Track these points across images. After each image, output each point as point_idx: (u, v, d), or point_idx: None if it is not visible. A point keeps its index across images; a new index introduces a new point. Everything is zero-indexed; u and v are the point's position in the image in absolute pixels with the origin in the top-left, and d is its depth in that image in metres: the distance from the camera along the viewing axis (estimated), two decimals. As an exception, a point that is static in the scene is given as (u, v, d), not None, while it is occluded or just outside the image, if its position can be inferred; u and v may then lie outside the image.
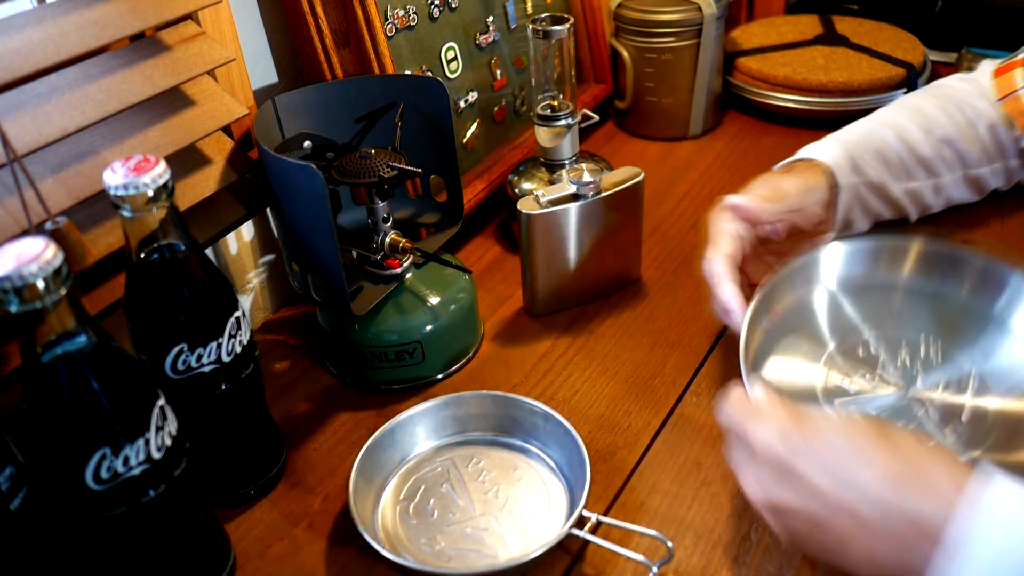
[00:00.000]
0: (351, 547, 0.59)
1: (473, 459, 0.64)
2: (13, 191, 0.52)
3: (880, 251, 0.66)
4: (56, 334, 0.44)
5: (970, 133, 0.77)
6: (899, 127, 0.76)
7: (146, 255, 0.51)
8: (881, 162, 0.74)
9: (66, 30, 0.56)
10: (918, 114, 0.77)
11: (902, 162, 0.75)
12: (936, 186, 0.77)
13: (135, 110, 0.61)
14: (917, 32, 1.10)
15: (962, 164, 0.78)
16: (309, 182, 0.59)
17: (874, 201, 0.75)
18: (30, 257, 0.41)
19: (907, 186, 0.76)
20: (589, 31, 1.03)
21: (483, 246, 0.89)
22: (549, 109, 0.82)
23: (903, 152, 0.75)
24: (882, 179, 0.74)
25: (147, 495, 0.48)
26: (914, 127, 0.76)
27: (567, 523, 0.55)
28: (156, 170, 0.48)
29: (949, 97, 0.79)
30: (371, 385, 0.72)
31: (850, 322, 0.63)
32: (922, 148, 0.75)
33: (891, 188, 0.75)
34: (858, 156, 0.73)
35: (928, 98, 0.79)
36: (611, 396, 0.69)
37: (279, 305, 0.83)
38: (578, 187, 0.72)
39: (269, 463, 0.64)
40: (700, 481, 0.61)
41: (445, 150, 0.72)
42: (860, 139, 0.74)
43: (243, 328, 0.57)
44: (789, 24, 1.14)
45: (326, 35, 0.73)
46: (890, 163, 0.75)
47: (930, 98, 0.79)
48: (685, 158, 1.01)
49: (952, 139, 0.76)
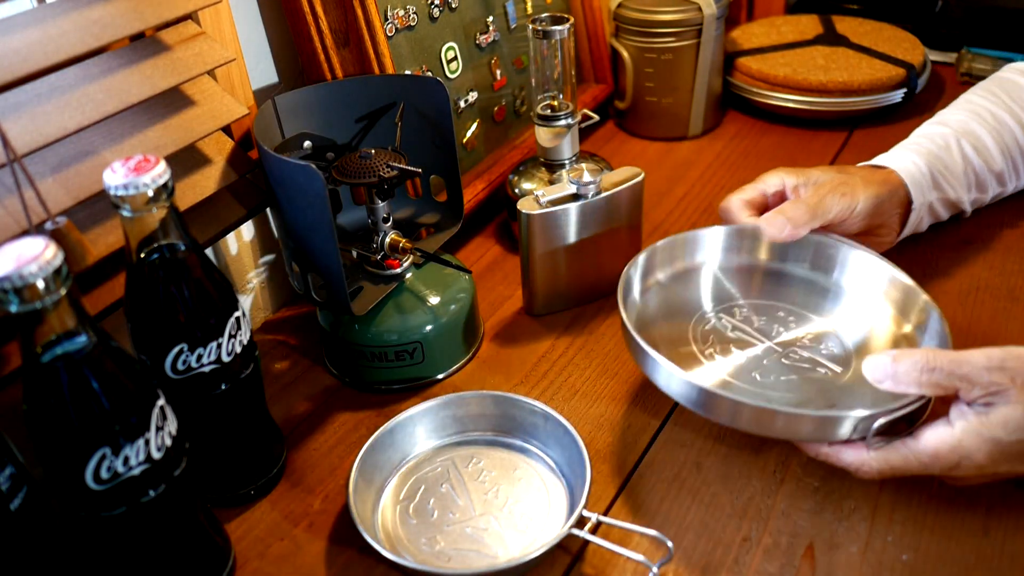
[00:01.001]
0: (351, 547, 0.59)
1: (473, 459, 0.64)
2: (13, 191, 0.52)
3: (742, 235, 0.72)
4: (56, 334, 0.44)
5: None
6: (978, 140, 0.76)
7: (146, 255, 0.51)
8: (960, 178, 0.76)
9: (66, 30, 0.56)
10: (995, 123, 0.77)
11: (978, 176, 0.77)
12: (1000, 194, 0.80)
13: (135, 110, 0.61)
14: (917, 32, 1.10)
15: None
16: (309, 182, 0.59)
17: (943, 211, 0.77)
18: (30, 257, 0.41)
19: (977, 196, 0.78)
20: (589, 31, 1.03)
21: (483, 246, 0.89)
22: (549, 109, 0.82)
23: (981, 167, 0.76)
24: (958, 195, 0.76)
25: (147, 495, 0.48)
26: (990, 139, 0.76)
27: (567, 523, 0.55)
28: (156, 170, 0.48)
29: (1018, 98, 0.79)
30: (371, 385, 0.72)
31: (726, 292, 0.71)
32: (998, 163, 0.77)
33: (963, 200, 0.77)
34: (940, 172, 0.74)
35: (1000, 102, 0.79)
36: (611, 396, 0.69)
37: (279, 305, 0.83)
38: (578, 187, 0.72)
39: (269, 463, 0.64)
40: (700, 481, 0.61)
41: (445, 150, 0.72)
42: (943, 153, 0.75)
43: (243, 328, 0.57)
44: (789, 24, 1.14)
45: (326, 35, 0.73)
46: (967, 178, 0.76)
47: (1002, 101, 0.79)
48: (685, 158, 1.01)
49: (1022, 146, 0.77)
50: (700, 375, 0.62)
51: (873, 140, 0.99)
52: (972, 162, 0.76)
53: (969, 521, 0.56)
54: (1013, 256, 0.79)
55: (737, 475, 0.61)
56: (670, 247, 0.70)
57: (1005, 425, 0.50)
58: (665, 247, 0.70)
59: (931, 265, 0.78)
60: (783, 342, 0.65)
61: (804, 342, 0.65)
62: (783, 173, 0.71)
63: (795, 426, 0.54)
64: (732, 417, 0.55)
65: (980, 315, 0.73)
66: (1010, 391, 0.50)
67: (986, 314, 0.73)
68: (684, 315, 0.68)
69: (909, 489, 0.59)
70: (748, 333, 0.66)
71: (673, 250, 0.71)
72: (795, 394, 0.61)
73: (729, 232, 0.71)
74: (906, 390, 0.53)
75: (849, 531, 0.57)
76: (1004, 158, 0.77)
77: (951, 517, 0.57)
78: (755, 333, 0.66)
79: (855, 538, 0.56)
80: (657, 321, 0.67)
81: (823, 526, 0.57)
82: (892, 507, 0.58)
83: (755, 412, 0.54)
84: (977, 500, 0.57)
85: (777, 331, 0.66)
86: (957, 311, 0.73)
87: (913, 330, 0.64)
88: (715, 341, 0.66)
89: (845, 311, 0.68)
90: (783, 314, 0.68)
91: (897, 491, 0.59)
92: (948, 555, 0.55)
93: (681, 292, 0.70)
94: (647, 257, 0.69)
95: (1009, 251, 0.79)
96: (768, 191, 0.71)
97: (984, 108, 0.78)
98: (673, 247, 0.71)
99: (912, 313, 0.64)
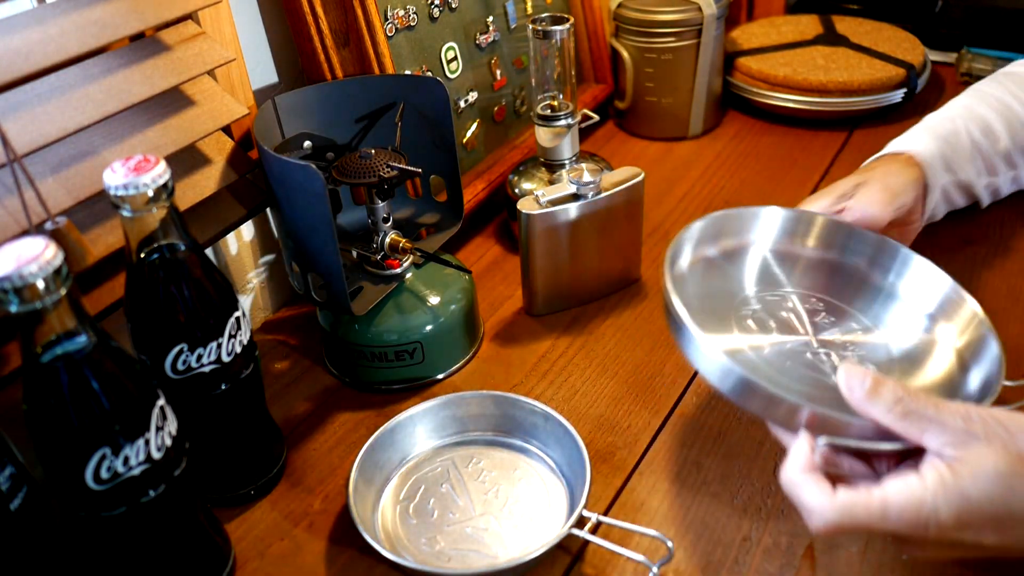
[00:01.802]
0: (351, 547, 0.59)
1: (473, 459, 0.64)
2: (13, 191, 0.52)
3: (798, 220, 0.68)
4: (56, 334, 0.44)
5: None
6: (984, 122, 0.76)
7: (146, 255, 0.51)
8: (969, 160, 0.75)
9: (66, 30, 0.56)
10: (1000, 106, 0.77)
11: (987, 158, 0.77)
12: (1014, 177, 0.79)
13: (135, 110, 0.61)
14: (917, 32, 1.10)
15: None
16: (309, 182, 0.59)
17: (958, 196, 0.77)
18: (30, 257, 0.41)
19: (989, 180, 0.78)
20: (589, 31, 1.03)
21: (483, 246, 0.89)
22: (549, 109, 0.82)
23: (988, 148, 0.76)
24: (969, 177, 0.76)
25: (147, 495, 0.48)
26: (998, 122, 0.77)
27: (567, 523, 0.55)
28: (156, 170, 0.48)
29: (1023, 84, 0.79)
30: (371, 385, 0.72)
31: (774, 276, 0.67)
32: (1004, 143, 0.77)
33: (975, 184, 0.76)
34: (949, 155, 0.74)
35: (1006, 88, 0.79)
36: (611, 396, 0.69)
37: (279, 305, 0.83)
38: (578, 187, 0.72)
39: (269, 463, 0.64)
40: (700, 481, 0.61)
41: (445, 150, 0.72)
42: (950, 136, 0.75)
43: (243, 328, 0.57)
44: (789, 24, 1.14)
45: (326, 35, 0.73)
46: (976, 160, 0.76)
47: (1008, 88, 0.79)
48: (685, 158, 1.01)
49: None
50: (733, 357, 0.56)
51: (873, 140, 0.99)
52: (980, 144, 0.76)
53: (969, 521, 0.56)
54: (1013, 256, 0.79)
55: (737, 475, 0.61)
56: (723, 220, 0.66)
57: (975, 478, 0.44)
58: (718, 220, 0.66)
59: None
60: (825, 340, 0.61)
61: (847, 342, 0.61)
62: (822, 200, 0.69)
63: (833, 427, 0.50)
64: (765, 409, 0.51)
65: (980, 315, 0.73)
66: (980, 443, 0.45)
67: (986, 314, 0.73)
68: (727, 295, 0.64)
69: (909, 489, 0.59)
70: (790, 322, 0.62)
71: (727, 224, 0.67)
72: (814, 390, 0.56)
73: (788, 215, 0.67)
74: (870, 411, 0.47)
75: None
76: (1014, 139, 0.77)
77: (951, 517, 0.57)
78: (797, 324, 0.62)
79: (855, 538, 0.56)
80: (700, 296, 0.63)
81: (823, 526, 0.57)
82: (892, 507, 0.58)
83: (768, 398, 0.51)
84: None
85: (823, 325, 0.62)
86: (957, 311, 0.73)
87: (964, 348, 0.59)
88: (755, 323, 0.61)
89: (895, 317, 0.64)
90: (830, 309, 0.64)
91: (897, 491, 0.59)
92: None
93: (729, 270, 0.66)
94: (703, 226, 0.64)
95: (1009, 251, 0.79)
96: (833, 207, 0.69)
97: (989, 94, 0.79)
98: (727, 220, 0.66)
99: (966, 332, 0.60)
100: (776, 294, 0.65)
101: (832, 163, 0.97)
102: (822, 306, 0.64)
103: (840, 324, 0.63)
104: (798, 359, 0.59)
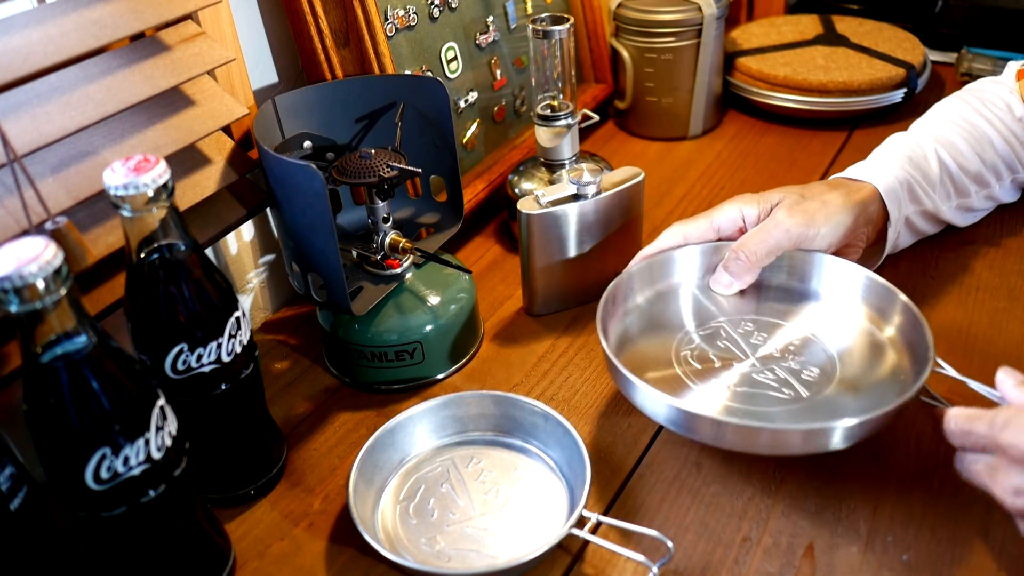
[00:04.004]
0: (351, 547, 0.59)
1: (473, 459, 0.64)
2: (13, 191, 0.52)
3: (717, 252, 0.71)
4: (56, 334, 0.44)
5: (1014, 139, 0.77)
6: (950, 145, 0.76)
7: (146, 255, 0.51)
8: (933, 186, 0.75)
9: (66, 30, 0.56)
10: (966, 125, 0.77)
11: (954, 182, 0.76)
12: (987, 195, 0.79)
13: (135, 110, 0.61)
14: (917, 32, 1.11)
15: (1010, 170, 0.79)
16: (309, 182, 0.59)
17: (924, 224, 0.77)
18: (30, 257, 0.41)
19: (959, 202, 0.77)
20: (589, 31, 1.03)
21: (483, 246, 0.89)
22: (549, 109, 0.82)
23: (955, 172, 0.76)
24: (935, 205, 0.75)
25: (147, 495, 0.49)
26: (963, 143, 0.76)
27: (567, 523, 0.55)
28: (156, 170, 0.48)
29: (989, 103, 0.79)
30: (371, 385, 0.72)
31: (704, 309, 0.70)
32: (972, 164, 0.76)
33: (942, 210, 0.76)
34: (915, 182, 0.73)
35: (970, 106, 0.79)
36: (611, 396, 0.69)
37: (279, 305, 0.83)
38: (578, 187, 0.72)
39: (269, 463, 0.64)
40: (700, 481, 0.61)
41: (445, 150, 0.72)
42: (915, 161, 0.74)
43: (243, 328, 0.57)
44: (789, 24, 1.14)
45: (326, 35, 0.73)
46: (943, 185, 0.75)
47: (972, 106, 0.79)
48: (685, 158, 1.01)
49: (999, 148, 0.77)
50: (684, 397, 0.61)
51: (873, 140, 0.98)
52: (948, 167, 0.75)
53: (969, 521, 0.56)
54: (1013, 256, 0.79)
55: (737, 475, 0.61)
56: (648, 269, 0.70)
57: None
58: (642, 271, 0.69)
59: (931, 265, 0.78)
60: (765, 356, 0.64)
61: (786, 354, 0.65)
62: (742, 204, 0.69)
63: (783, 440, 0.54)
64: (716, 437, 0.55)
65: (980, 315, 0.73)
66: None
67: (986, 314, 0.73)
68: (666, 335, 0.67)
69: (909, 489, 0.59)
70: (729, 351, 0.65)
71: (651, 272, 0.70)
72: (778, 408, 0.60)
73: (704, 250, 0.70)
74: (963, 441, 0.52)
75: (849, 531, 0.57)
76: (981, 159, 0.76)
77: (951, 517, 0.57)
78: (735, 350, 0.65)
79: (855, 538, 0.56)
80: (639, 343, 0.67)
81: (823, 526, 0.57)
82: (892, 507, 0.58)
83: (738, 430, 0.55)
84: (977, 500, 0.57)
85: (758, 345, 0.66)
86: (957, 311, 0.73)
87: (895, 333, 0.64)
88: (696, 360, 0.65)
89: (824, 319, 0.67)
90: (763, 327, 0.67)
91: (897, 491, 0.59)
92: (948, 555, 0.55)
93: (662, 313, 0.69)
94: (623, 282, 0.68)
95: (1009, 251, 0.79)
96: (722, 228, 0.69)
97: (958, 114, 0.78)
98: (651, 269, 0.70)
99: (892, 315, 0.64)
100: (708, 328, 0.68)
101: (832, 163, 0.97)
102: (753, 326, 0.68)
103: (773, 339, 0.66)
104: (746, 382, 0.63)
